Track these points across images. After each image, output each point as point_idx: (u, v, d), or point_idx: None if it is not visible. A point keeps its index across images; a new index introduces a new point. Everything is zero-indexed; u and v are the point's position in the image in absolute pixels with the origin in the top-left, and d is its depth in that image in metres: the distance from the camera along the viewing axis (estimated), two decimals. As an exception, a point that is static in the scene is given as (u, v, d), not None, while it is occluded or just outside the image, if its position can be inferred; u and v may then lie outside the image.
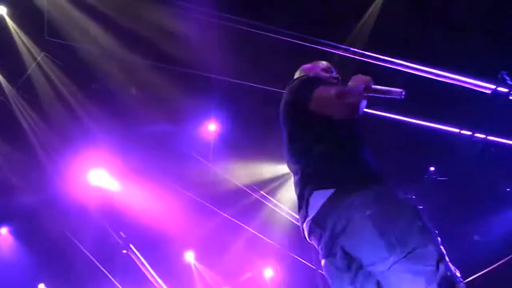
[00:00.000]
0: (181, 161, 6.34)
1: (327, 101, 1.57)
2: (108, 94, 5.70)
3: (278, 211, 7.00)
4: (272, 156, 6.20)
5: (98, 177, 6.38)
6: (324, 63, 1.99)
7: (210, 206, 7.16)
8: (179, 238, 7.48)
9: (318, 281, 6.61)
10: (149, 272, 8.15)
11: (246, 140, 6.35)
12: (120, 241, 7.64)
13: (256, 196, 7.18)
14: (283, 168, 6.58)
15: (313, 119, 1.63)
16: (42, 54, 5.71)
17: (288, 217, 6.85)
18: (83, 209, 6.70)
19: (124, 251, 7.76)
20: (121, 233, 7.59)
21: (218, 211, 7.11)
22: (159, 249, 7.77)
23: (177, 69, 5.40)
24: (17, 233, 7.30)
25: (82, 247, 7.29)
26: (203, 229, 7.44)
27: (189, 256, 8.23)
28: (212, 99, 5.88)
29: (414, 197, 1.93)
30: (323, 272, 1.63)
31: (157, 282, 8.21)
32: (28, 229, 7.09)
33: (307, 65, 2.01)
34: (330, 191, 1.51)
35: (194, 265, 8.23)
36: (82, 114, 5.76)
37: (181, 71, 5.41)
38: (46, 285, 8.20)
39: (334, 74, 1.94)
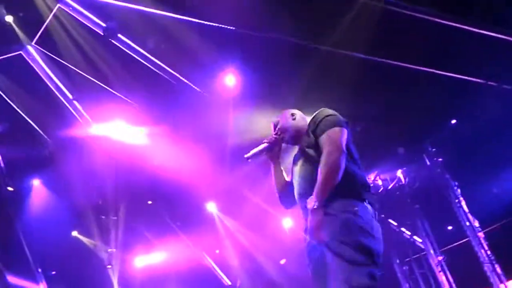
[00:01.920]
0: (203, 114, 6.37)
1: None
2: (127, 46, 5.67)
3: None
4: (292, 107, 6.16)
5: (120, 129, 6.54)
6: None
7: (231, 158, 7.31)
8: (201, 190, 7.71)
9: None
10: (172, 221, 8.58)
11: (266, 92, 6.30)
12: (144, 193, 7.98)
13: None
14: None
15: None
16: (57, 6, 5.66)
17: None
18: (107, 161, 6.94)
19: (149, 202, 8.14)
20: (146, 181, 7.91)
21: (239, 163, 7.25)
22: (182, 200, 8.06)
23: (196, 21, 5.30)
24: (49, 185, 7.67)
25: (110, 198, 7.66)
26: (225, 181, 7.62)
27: (211, 207, 8.53)
28: (231, 51, 5.78)
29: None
30: None
31: (180, 230, 8.65)
32: (58, 181, 7.44)
33: None
34: None
35: (217, 215, 8.55)
36: (102, 66, 5.78)
37: (200, 23, 5.31)
38: (79, 232, 8.78)
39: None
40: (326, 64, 5.41)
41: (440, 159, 7.23)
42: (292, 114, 2.40)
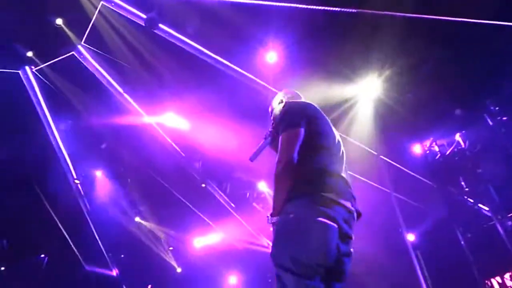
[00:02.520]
0: (244, 93, 6.39)
1: None
2: (169, 35, 5.79)
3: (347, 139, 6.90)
4: (331, 79, 5.97)
5: (170, 117, 6.77)
6: None
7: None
8: (252, 169, 7.81)
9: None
10: (226, 202, 8.82)
11: (307, 67, 6.17)
12: (198, 177, 8.27)
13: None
14: (349, 91, 6.36)
15: None
16: (101, 3, 5.89)
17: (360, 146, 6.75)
18: (163, 149, 7.25)
19: (203, 185, 8.42)
20: (198, 164, 8.18)
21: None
22: (234, 181, 8.25)
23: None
24: (111, 175, 8.20)
25: (166, 184, 8.03)
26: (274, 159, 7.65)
27: (263, 186, 8.63)
28: (271, 26, 5.69)
29: None
30: None
31: (233, 210, 8.88)
32: (118, 170, 7.92)
33: None
34: None
35: (268, 193, 8.65)
36: (148, 57, 5.96)
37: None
38: (141, 218, 9.35)
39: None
40: (372, 26, 5.16)
41: (504, 118, 6.68)
42: (282, 100, 2.38)
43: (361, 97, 6.45)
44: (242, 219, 9.03)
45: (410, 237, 7.74)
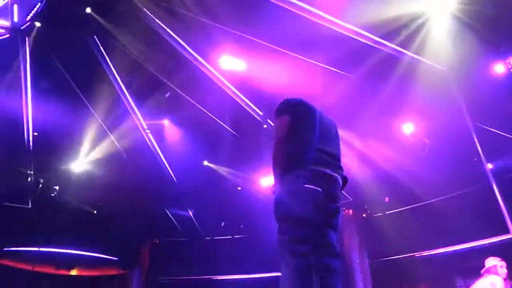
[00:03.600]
0: (301, 25, 6.07)
1: None
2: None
3: (418, 59, 6.35)
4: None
5: (228, 60, 6.73)
6: None
7: (337, 70, 6.98)
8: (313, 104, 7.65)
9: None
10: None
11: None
12: (259, 118, 8.33)
13: (387, 51, 6.62)
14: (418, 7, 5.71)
15: None
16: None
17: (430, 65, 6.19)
18: (223, 93, 7.34)
19: (265, 126, 8.49)
20: (259, 111, 8.22)
21: (346, 74, 6.88)
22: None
23: None
24: (178, 122, 8.61)
25: (229, 128, 8.25)
26: (335, 95, 7.37)
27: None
28: None
29: None
30: None
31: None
32: (184, 117, 8.26)
33: None
34: None
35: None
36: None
37: None
38: (209, 161, 9.85)
39: None
40: None
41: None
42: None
43: (433, 13, 5.79)
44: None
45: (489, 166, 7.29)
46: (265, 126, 8.43)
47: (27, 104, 7.70)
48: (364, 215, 11.25)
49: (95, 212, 10.55)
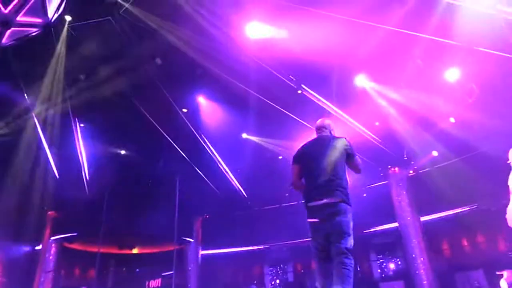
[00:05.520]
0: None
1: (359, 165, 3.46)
2: None
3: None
4: None
5: (258, 27, 6.56)
6: None
7: (369, 23, 6.56)
8: (346, 65, 7.34)
9: None
10: (326, 104, 8.62)
11: None
12: (292, 84, 8.13)
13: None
14: None
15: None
16: None
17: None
18: (254, 63, 7.21)
19: (299, 92, 8.29)
20: (291, 77, 8.02)
21: (380, 25, 6.45)
22: (329, 81, 7.89)
23: None
24: (213, 97, 8.66)
25: (263, 97, 8.15)
26: (369, 49, 6.97)
27: (361, 80, 8.10)
28: None
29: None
30: None
31: (334, 110, 8.68)
32: (218, 91, 8.27)
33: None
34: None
35: (370, 87, 8.12)
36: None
37: None
38: (247, 133, 9.89)
39: None
40: None
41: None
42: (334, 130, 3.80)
43: None
44: (344, 117, 8.83)
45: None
46: (299, 91, 8.24)
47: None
48: (411, 171, 10.90)
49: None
